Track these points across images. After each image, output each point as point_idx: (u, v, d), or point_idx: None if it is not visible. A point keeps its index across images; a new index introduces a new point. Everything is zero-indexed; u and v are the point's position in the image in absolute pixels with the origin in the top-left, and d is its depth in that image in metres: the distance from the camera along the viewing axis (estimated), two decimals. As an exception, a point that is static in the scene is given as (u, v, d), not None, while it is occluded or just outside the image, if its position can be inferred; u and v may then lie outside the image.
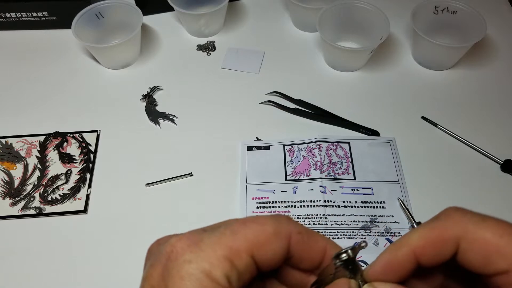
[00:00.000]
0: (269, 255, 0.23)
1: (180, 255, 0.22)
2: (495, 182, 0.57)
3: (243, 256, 0.22)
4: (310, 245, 0.25)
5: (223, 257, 0.22)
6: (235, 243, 0.22)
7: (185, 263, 0.21)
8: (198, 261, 0.21)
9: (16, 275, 0.51)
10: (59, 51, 0.74)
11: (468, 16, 0.66)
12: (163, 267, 0.22)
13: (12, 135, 0.63)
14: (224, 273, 0.21)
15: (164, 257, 0.22)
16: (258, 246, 0.23)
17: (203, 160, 0.60)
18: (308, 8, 0.69)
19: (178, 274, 0.21)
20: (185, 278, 0.21)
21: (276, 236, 0.23)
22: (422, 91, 0.67)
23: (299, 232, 0.24)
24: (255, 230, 0.23)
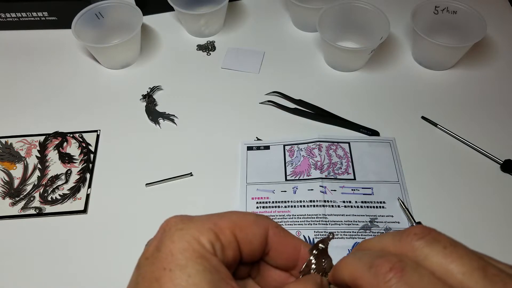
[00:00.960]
0: (249, 237, 0.27)
1: (173, 226, 0.25)
2: (495, 182, 0.57)
3: (226, 232, 0.26)
4: (286, 239, 0.28)
5: (209, 228, 0.25)
6: (221, 221, 0.26)
7: (177, 231, 0.25)
8: (188, 229, 0.25)
9: (16, 275, 0.51)
10: (59, 51, 0.74)
11: (468, 16, 0.66)
12: (158, 240, 0.25)
13: (12, 135, 0.63)
14: (209, 240, 0.25)
15: (160, 232, 0.26)
16: (240, 227, 0.26)
17: (203, 160, 0.60)
18: (308, 8, 0.69)
19: (170, 239, 0.24)
20: (176, 241, 0.24)
21: (256, 224, 0.27)
22: (422, 91, 0.67)
23: (276, 226, 0.28)
24: (239, 216, 0.27)
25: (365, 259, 0.24)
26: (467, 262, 0.21)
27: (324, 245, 0.29)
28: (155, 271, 0.24)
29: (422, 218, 0.53)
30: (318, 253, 0.29)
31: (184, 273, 0.23)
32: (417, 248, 0.23)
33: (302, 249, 0.29)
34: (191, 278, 0.23)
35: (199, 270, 0.23)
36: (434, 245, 0.22)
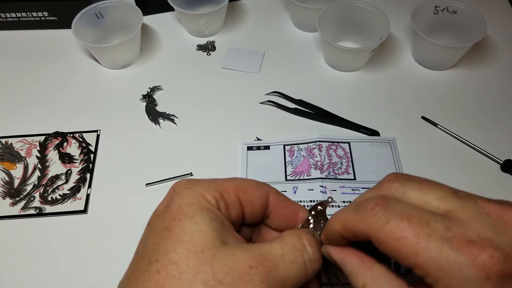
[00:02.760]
0: (251, 199, 0.29)
1: (181, 186, 0.28)
2: (495, 182, 0.57)
3: (230, 193, 0.29)
4: (285, 205, 0.31)
5: (214, 188, 0.28)
6: (225, 184, 0.29)
7: (185, 189, 0.28)
8: (196, 188, 0.28)
9: (16, 275, 0.51)
10: (59, 51, 0.74)
11: (468, 16, 0.67)
12: (168, 199, 0.28)
13: (12, 135, 0.63)
14: (214, 197, 0.28)
15: (169, 193, 0.29)
16: (243, 190, 0.29)
17: (203, 160, 0.60)
18: (308, 8, 0.69)
19: (179, 196, 0.28)
20: (184, 197, 0.27)
21: (257, 188, 0.30)
22: (422, 91, 0.67)
23: (276, 192, 0.31)
24: (242, 180, 0.30)
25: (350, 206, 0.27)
26: (439, 190, 0.25)
27: (323, 207, 0.31)
28: (166, 222, 0.26)
29: (422, 218, 0.53)
30: (316, 214, 0.31)
31: (192, 221, 0.26)
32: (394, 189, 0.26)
33: (300, 213, 0.32)
34: (198, 225, 0.26)
35: (205, 219, 0.26)
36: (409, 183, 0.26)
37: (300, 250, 0.27)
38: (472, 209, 0.23)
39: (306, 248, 0.27)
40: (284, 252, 0.27)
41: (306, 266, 0.27)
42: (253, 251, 0.26)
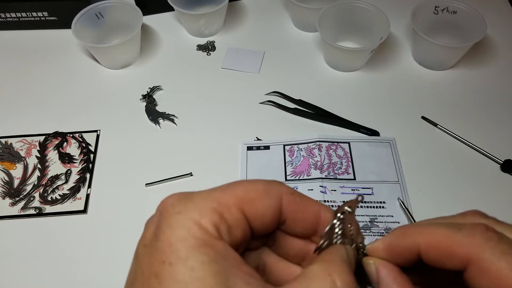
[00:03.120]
0: (260, 211, 0.23)
1: (170, 208, 0.22)
2: (495, 182, 0.57)
3: (232, 210, 0.23)
4: (303, 206, 0.25)
5: (212, 208, 0.22)
6: (225, 197, 0.23)
7: (174, 214, 0.22)
8: (187, 211, 0.22)
9: (16, 275, 0.51)
10: (59, 51, 0.74)
11: (468, 16, 0.66)
12: (156, 225, 0.22)
13: (12, 135, 0.63)
14: (213, 223, 0.22)
15: (157, 216, 0.23)
16: (249, 202, 0.23)
17: (203, 160, 0.60)
18: (308, 8, 0.69)
19: (168, 225, 0.22)
20: (174, 227, 0.21)
21: (266, 194, 0.24)
22: (422, 91, 0.67)
23: (291, 193, 0.24)
24: (246, 187, 0.24)
25: (446, 225, 0.22)
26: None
27: (351, 208, 0.25)
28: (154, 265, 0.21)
29: (422, 218, 0.52)
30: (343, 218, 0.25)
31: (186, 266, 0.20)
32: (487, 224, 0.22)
33: (323, 215, 0.25)
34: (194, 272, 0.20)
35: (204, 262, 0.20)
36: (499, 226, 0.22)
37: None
38: None
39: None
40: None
41: None
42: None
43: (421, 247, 0.22)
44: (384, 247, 0.24)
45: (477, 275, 0.20)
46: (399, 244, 0.23)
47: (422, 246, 0.22)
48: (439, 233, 0.22)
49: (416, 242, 0.23)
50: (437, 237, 0.22)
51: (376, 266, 0.24)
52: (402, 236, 0.23)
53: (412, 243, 0.23)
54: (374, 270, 0.24)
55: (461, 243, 0.21)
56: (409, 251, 0.23)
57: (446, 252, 0.21)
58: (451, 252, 0.21)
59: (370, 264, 0.24)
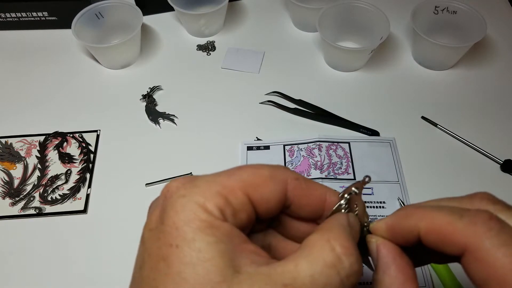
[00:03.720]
0: (265, 196, 0.23)
1: (174, 192, 0.22)
2: (495, 182, 0.57)
3: (237, 194, 0.23)
4: (309, 191, 0.25)
5: (217, 192, 0.22)
6: (230, 181, 0.23)
7: (179, 198, 0.22)
8: (192, 195, 0.22)
9: (16, 275, 0.51)
10: (59, 51, 0.74)
11: (468, 16, 0.66)
12: (161, 209, 0.22)
13: (12, 135, 0.63)
14: (217, 206, 0.22)
15: (161, 199, 0.23)
16: (254, 186, 0.23)
17: (203, 160, 0.60)
18: (308, 8, 0.69)
19: (173, 208, 0.22)
20: (179, 211, 0.21)
21: (272, 179, 0.24)
22: (422, 91, 0.67)
23: (296, 178, 0.25)
24: (251, 172, 0.24)
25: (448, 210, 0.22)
26: None
27: (358, 189, 0.25)
28: (161, 248, 0.21)
29: (422, 218, 0.52)
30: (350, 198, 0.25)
31: (193, 248, 0.20)
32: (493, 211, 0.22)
33: (328, 198, 0.25)
34: (201, 253, 0.20)
35: (210, 242, 0.21)
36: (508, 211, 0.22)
37: (335, 266, 0.21)
38: None
39: (342, 261, 0.21)
40: (314, 273, 0.20)
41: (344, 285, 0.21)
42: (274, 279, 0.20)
43: (421, 231, 0.23)
44: (386, 227, 0.24)
45: (472, 263, 0.21)
46: (401, 225, 0.24)
47: (422, 230, 0.22)
48: (440, 219, 0.22)
49: (417, 225, 0.23)
50: (438, 223, 0.22)
51: (377, 245, 0.24)
52: (404, 218, 0.24)
53: (413, 226, 0.23)
54: (375, 248, 0.24)
55: (461, 230, 0.21)
56: (410, 233, 0.23)
57: (445, 238, 0.22)
58: (450, 238, 0.21)
59: (372, 242, 0.25)
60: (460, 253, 0.21)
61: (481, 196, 0.23)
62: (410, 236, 0.23)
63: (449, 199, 0.24)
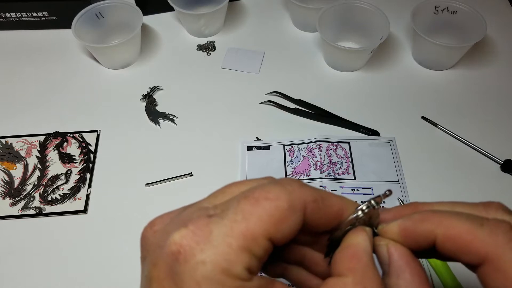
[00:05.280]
0: (286, 233, 0.21)
1: (190, 256, 0.19)
2: (495, 182, 0.57)
3: (260, 241, 0.20)
4: (326, 211, 0.23)
5: (239, 248, 0.19)
6: (250, 229, 0.20)
7: (199, 265, 0.19)
8: (213, 260, 0.19)
9: (16, 275, 0.51)
10: (59, 51, 0.74)
11: (468, 16, 0.66)
12: (171, 269, 0.19)
13: (12, 135, 0.63)
14: (244, 266, 0.19)
15: (170, 258, 0.20)
16: (274, 226, 0.21)
17: (203, 160, 0.60)
18: (308, 8, 0.69)
19: (193, 279, 0.19)
20: (202, 283, 0.19)
21: (291, 211, 0.21)
22: (422, 91, 0.67)
23: (315, 200, 0.23)
24: (269, 208, 0.21)
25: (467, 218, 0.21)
26: None
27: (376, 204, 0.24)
28: None
29: (422, 218, 0.52)
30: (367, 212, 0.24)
31: None
32: None
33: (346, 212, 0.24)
34: None
35: None
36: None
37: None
38: None
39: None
40: None
41: None
42: None
43: (438, 237, 0.22)
44: (400, 231, 0.23)
45: (491, 273, 0.20)
46: (416, 230, 0.23)
47: (440, 236, 0.22)
48: (460, 226, 0.21)
49: (434, 231, 0.22)
50: (457, 230, 0.21)
51: (388, 248, 0.23)
52: (420, 222, 0.23)
53: (429, 231, 0.22)
54: (386, 252, 0.23)
55: (482, 240, 0.20)
56: (424, 238, 0.22)
57: (464, 246, 0.21)
58: (470, 247, 0.21)
59: (381, 245, 0.24)
60: (479, 262, 0.21)
61: (497, 206, 0.23)
62: (424, 242, 0.22)
63: (463, 205, 0.23)
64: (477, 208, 0.23)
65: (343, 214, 0.24)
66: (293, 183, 0.23)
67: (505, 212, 0.22)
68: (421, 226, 0.22)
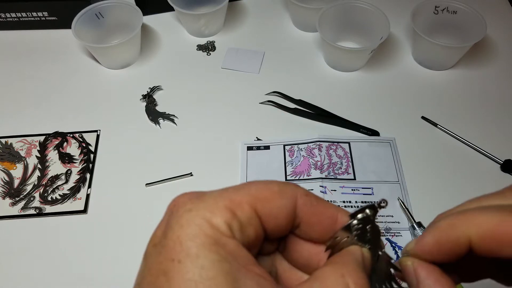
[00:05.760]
0: (273, 211, 0.22)
1: (181, 206, 0.22)
2: (495, 182, 0.57)
3: (245, 208, 0.22)
4: (319, 209, 0.24)
5: (224, 206, 0.21)
6: (237, 196, 0.22)
7: (185, 212, 0.21)
8: (199, 209, 0.21)
9: (16, 275, 0.51)
10: (59, 51, 0.74)
11: (468, 16, 0.66)
12: (165, 223, 0.22)
13: (12, 135, 0.63)
14: (224, 220, 0.21)
15: (167, 215, 0.22)
16: (262, 200, 0.22)
17: (203, 160, 0.60)
18: (308, 8, 0.69)
19: (178, 223, 0.21)
20: (184, 225, 0.20)
21: (281, 194, 0.23)
22: (422, 91, 0.67)
23: (306, 194, 0.23)
24: (259, 187, 0.23)
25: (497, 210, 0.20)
26: None
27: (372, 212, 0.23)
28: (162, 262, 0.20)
29: (422, 218, 0.53)
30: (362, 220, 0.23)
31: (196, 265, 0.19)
32: None
33: (340, 219, 0.24)
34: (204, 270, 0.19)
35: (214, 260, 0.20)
36: None
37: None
38: None
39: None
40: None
41: None
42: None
43: (473, 238, 0.20)
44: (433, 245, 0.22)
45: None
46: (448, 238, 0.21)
47: (474, 236, 0.20)
48: (491, 220, 0.20)
49: (466, 233, 0.21)
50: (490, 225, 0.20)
51: (415, 267, 0.22)
52: (449, 229, 0.21)
53: (461, 236, 0.21)
54: (413, 271, 0.22)
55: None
56: (458, 245, 0.21)
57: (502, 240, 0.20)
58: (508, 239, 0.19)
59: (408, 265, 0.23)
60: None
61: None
62: (458, 249, 0.21)
63: (488, 197, 0.22)
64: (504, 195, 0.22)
65: (337, 220, 0.24)
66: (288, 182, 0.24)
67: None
68: (452, 232, 0.21)
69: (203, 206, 0.21)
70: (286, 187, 0.23)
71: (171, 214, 0.22)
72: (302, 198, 0.23)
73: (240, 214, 0.21)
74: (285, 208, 0.23)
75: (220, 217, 0.21)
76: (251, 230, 0.22)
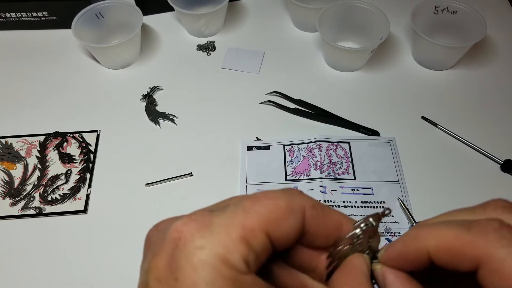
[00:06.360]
0: (284, 232, 0.21)
1: (189, 241, 0.19)
2: (495, 182, 0.57)
3: (258, 235, 0.20)
4: (325, 220, 0.23)
5: (238, 238, 0.20)
6: (249, 221, 0.20)
7: (197, 250, 0.19)
8: (211, 246, 0.19)
9: (16, 275, 0.51)
10: (59, 51, 0.74)
11: (468, 16, 0.66)
12: (170, 256, 0.20)
13: (12, 135, 0.63)
14: (241, 257, 0.19)
15: (170, 245, 0.20)
16: (273, 222, 0.21)
17: (203, 160, 0.60)
18: (308, 8, 0.69)
19: (190, 263, 0.19)
20: (198, 267, 0.19)
21: (290, 211, 0.22)
22: (422, 91, 0.67)
23: (313, 206, 0.23)
24: (268, 206, 0.21)
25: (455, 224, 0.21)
26: None
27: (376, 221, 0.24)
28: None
29: (422, 218, 0.53)
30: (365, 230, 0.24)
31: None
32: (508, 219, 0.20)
33: (345, 227, 0.24)
34: None
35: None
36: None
37: None
38: None
39: None
40: None
41: None
42: None
43: (430, 251, 0.21)
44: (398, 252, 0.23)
45: (488, 275, 0.19)
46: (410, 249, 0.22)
47: (431, 249, 0.21)
48: (447, 234, 0.21)
49: (425, 245, 0.21)
50: (446, 239, 0.21)
51: (383, 272, 0.23)
52: (412, 240, 0.22)
53: (421, 247, 0.21)
54: (381, 276, 0.23)
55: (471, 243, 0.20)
56: (419, 256, 0.22)
57: (456, 254, 0.20)
58: (461, 253, 0.20)
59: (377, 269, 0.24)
60: (474, 267, 0.20)
61: (495, 204, 0.22)
62: (419, 259, 0.22)
63: (461, 211, 0.23)
64: (474, 210, 0.22)
65: (341, 227, 0.24)
66: (293, 190, 0.23)
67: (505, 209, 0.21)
68: (413, 244, 0.22)
69: (216, 240, 0.19)
70: (293, 201, 0.22)
71: (177, 247, 0.20)
72: (310, 211, 0.23)
73: (255, 244, 0.20)
74: (295, 226, 0.22)
75: (236, 253, 0.19)
76: (265, 256, 0.21)
